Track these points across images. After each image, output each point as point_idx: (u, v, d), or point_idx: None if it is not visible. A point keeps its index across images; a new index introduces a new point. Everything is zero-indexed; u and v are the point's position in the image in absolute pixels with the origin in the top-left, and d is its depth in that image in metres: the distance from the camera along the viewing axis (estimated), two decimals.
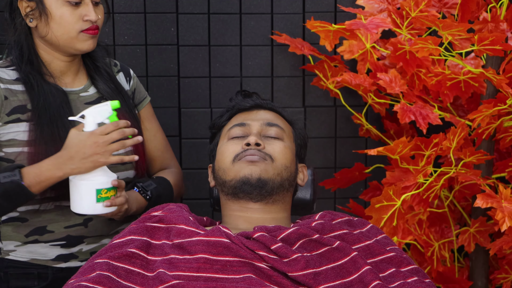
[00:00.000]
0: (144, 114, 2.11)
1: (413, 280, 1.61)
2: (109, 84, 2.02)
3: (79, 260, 1.99)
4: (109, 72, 2.04)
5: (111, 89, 2.01)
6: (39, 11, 1.88)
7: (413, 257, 2.50)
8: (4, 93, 1.89)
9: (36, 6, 1.88)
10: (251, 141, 1.78)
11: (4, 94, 1.89)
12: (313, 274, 1.58)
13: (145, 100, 2.12)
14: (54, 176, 1.79)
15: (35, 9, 1.88)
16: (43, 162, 1.81)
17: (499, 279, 2.46)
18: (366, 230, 1.76)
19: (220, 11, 2.57)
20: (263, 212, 1.78)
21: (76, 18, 1.88)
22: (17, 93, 1.91)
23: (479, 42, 2.13)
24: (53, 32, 1.89)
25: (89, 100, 1.99)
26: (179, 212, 1.74)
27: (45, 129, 1.88)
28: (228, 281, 1.57)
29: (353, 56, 2.41)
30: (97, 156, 1.76)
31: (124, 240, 1.69)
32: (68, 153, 1.78)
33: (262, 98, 1.96)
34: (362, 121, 2.54)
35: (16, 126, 1.90)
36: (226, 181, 1.78)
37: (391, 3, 2.42)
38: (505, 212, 2.05)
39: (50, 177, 1.79)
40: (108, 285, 1.57)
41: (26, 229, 1.96)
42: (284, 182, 1.79)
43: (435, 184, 2.23)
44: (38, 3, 1.87)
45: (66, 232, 1.96)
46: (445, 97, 2.32)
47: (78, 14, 1.88)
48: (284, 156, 1.80)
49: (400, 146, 2.23)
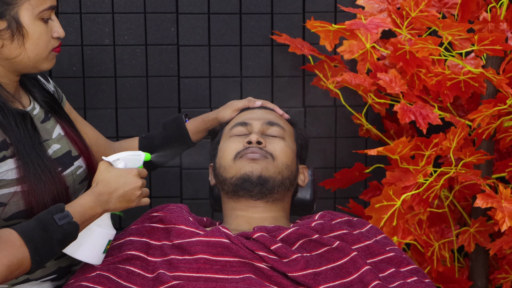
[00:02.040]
0: (69, 109, 1.96)
1: (412, 280, 1.61)
2: (44, 94, 1.85)
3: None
4: (37, 79, 1.85)
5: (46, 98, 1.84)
6: (12, 31, 1.65)
7: (413, 257, 2.50)
8: None
9: (8, 26, 1.65)
10: (253, 139, 1.78)
11: None
12: (313, 274, 1.59)
13: (63, 96, 1.96)
14: (96, 214, 1.64)
15: (6, 29, 1.65)
16: (81, 199, 1.63)
17: (499, 279, 2.46)
18: (365, 230, 1.76)
19: (220, 11, 2.57)
20: (264, 211, 1.78)
21: (49, 36, 1.70)
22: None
23: (479, 42, 2.13)
24: (26, 53, 1.68)
25: (42, 117, 1.79)
26: (179, 213, 1.74)
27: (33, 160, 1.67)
28: (228, 282, 1.57)
29: (353, 56, 2.41)
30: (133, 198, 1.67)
31: (123, 242, 1.69)
32: (108, 189, 1.65)
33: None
34: (362, 121, 2.54)
35: (3, 165, 1.65)
36: (227, 179, 1.79)
37: (391, 3, 2.42)
38: (505, 212, 2.05)
39: (92, 216, 1.63)
40: (108, 285, 1.57)
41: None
42: (285, 181, 1.79)
43: (435, 184, 2.23)
44: (12, 22, 1.64)
45: (57, 264, 1.80)
46: (445, 97, 2.32)
47: (49, 31, 1.70)
48: (285, 155, 1.81)
49: (400, 146, 2.23)
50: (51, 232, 1.53)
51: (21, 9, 1.65)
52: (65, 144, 1.80)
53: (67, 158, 1.79)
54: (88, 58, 2.54)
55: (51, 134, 1.79)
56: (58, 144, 1.77)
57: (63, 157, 1.78)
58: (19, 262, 1.49)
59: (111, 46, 2.55)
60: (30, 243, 1.50)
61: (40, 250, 1.52)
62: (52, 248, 1.54)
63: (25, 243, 1.49)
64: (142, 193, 1.68)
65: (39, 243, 1.51)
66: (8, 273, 1.48)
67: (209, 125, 2.00)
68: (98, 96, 2.57)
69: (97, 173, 1.67)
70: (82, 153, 1.83)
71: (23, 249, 1.49)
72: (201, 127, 1.99)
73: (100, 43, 2.53)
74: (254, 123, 1.85)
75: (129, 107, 2.58)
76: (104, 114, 2.57)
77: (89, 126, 2.00)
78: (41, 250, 1.52)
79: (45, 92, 1.84)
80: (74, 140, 1.83)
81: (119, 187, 1.65)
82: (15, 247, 1.49)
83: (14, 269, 1.48)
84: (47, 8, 1.67)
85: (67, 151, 1.79)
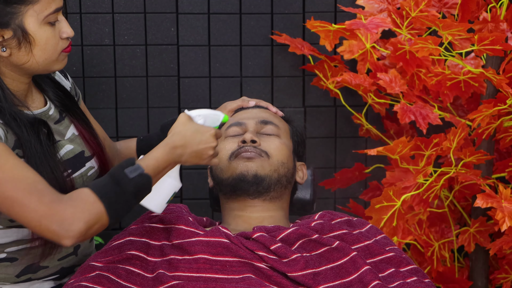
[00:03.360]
0: (83, 108, 1.96)
1: (412, 280, 1.61)
2: (57, 92, 1.84)
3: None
4: (51, 78, 1.85)
5: (60, 97, 1.83)
6: (18, 39, 1.63)
7: (413, 257, 2.50)
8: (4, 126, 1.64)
9: (14, 35, 1.63)
10: (247, 138, 1.79)
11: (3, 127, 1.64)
12: (313, 274, 1.59)
13: (80, 94, 1.97)
14: (169, 166, 1.63)
15: (12, 38, 1.63)
16: (155, 152, 1.62)
17: (499, 279, 2.46)
18: (365, 230, 1.76)
19: (220, 11, 2.57)
20: (262, 210, 1.78)
21: (57, 38, 1.68)
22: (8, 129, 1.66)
23: (479, 42, 2.13)
24: (35, 59, 1.67)
25: (57, 118, 1.80)
26: (179, 213, 1.74)
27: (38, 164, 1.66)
28: (227, 281, 1.57)
29: (353, 56, 2.41)
30: (207, 155, 1.66)
31: (123, 242, 1.69)
32: (184, 143, 1.64)
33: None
34: (362, 121, 2.54)
35: None
36: (224, 179, 1.79)
37: (391, 3, 2.42)
38: (505, 212, 2.05)
39: (165, 168, 1.63)
40: (108, 285, 1.57)
41: (16, 268, 1.76)
42: (281, 179, 1.79)
43: (435, 184, 2.23)
44: (17, 30, 1.62)
45: (60, 264, 1.81)
46: (445, 97, 2.32)
47: (57, 33, 1.68)
48: (280, 153, 1.81)
49: (400, 146, 2.23)
50: (123, 185, 1.55)
51: (25, 17, 1.63)
52: (78, 144, 1.81)
53: (79, 159, 1.79)
54: (88, 58, 2.54)
55: (64, 135, 1.79)
56: (71, 145, 1.77)
57: (75, 158, 1.78)
58: (96, 218, 1.52)
59: (111, 46, 2.55)
60: (104, 198, 1.53)
61: (114, 204, 1.55)
62: (127, 201, 1.56)
63: (99, 198, 1.53)
64: (214, 154, 1.68)
65: (113, 197, 1.54)
66: (87, 228, 1.51)
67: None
68: (98, 96, 2.57)
69: (175, 124, 1.67)
70: (95, 153, 1.83)
71: (97, 205, 1.52)
72: None
73: (100, 43, 2.53)
74: (249, 123, 1.85)
75: (129, 107, 2.58)
76: (104, 114, 2.57)
77: (98, 126, 2.00)
78: (115, 204, 1.55)
79: (58, 90, 1.83)
80: (87, 140, 1.83)
81: (195, 143, 1.64)
82: (89, 203, 1.53)
83: (92, 224, 1.52)
84: (52, 12, 1.65)
85: (80, 151, 1.80)
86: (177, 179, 1.70)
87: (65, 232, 1.50)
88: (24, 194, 1.52)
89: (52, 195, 1.54)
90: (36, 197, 1.52)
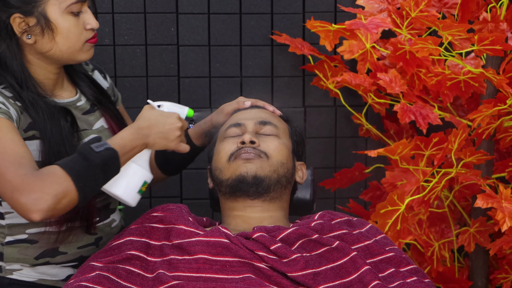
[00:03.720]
0: (121, 109, 2.05)
1: (412, 280, 1.61)
2: (92, 87, 1.93)
3: None
4: (86, 75, 1.94)
5: (95, 92, 1.92)
6: (41, 27, 1.72)
7: (413, 257, 2.50)
8: (18, 109, 1.73)
9: (37, 22, 1.72)
10: (246, 139, 1.78)
11: (19, 109, 1.74)
12: (313, 274, 1.59)
13: (119, 96, 2.06)
14: (136, 147, 1.69)
15: (36, 25, 1.72)
16: (121, 132, 1.70)
17: (499, 279, 2.46)
18: (365, 230, 1.76)
19: (220, 11, 2.57)
20: (262, 210, 1.78)
21: (80, 28, 1.76)
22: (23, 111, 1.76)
23: (479, 42, 2.13)
24: (58, 46, 1.75)
25: (86, 109, 1.89)
26: (179, 213, 1.74)
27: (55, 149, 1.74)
28: (227, 281, 1.57)
29: (353, 56, 2.41)
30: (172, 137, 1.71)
31: (123, 242, 1.69)
32: (149, 124, 1.70)
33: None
34: (362, 121, 2.54)
35: (31, 144, 1.74)
36: (223, 181, 1.79)
37: (391, 3, 2.42)
38: (505, 212, 2.05)
39: (133, 148, 1.68)
40: (108, 285, 1.57)
41: (35, 251, 1.82)
42: (281, 179, 1.79)
43: (436, 185, 2.23)
44: (40, 18, 1.71)
45: (79, 253, 1.86)
46: (445, 97, 2.32)
47: (80, 24, 1.76)
48: (279, 153, 1.80)
49: (400, 147, 2.23)
50: (90, 159, 1.60)
51: (48, 5, 1.72)
52: (105, 136, 1.88)
53: None
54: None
55: (93, 125, 1.88)
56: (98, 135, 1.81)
57: None
58: (64, 192, 1.56)
59: (111, 46, 2.55)
60: (71, 172, 1.58)
61: (83, 179, 1.59)
62: (95, 175, 1.61)
63: (67, 172, 1.57)
64: (180, 136, 1.72)
65: (81, 171, 1.59)
66: (55, 203, 1.55)
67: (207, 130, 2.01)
68: None
69: (140, 113, 1.74)
70: None
71: (65, 178, 1.57)
72: (200, 132, 2.00)
73: (100, 43, 2.53)
74: (247, 123, 1.85)
75: (129, 107, 2.57)
76: None
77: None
78: (83, 179, 1.59)
79: (93, 86, 1.92)
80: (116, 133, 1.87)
81: (160, 124, 1.71)
82: (57, 177, 1.57)
83: (60, 198, 1.56)
84: (74, 2, 1.74)
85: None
86: (147, 169, 1.74)
87: (33, 206, 1.55)
88: (5, 165, 1.60)
89: (29, 169, 1.60)
90: (14, 168, 1.59)
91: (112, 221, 1.93)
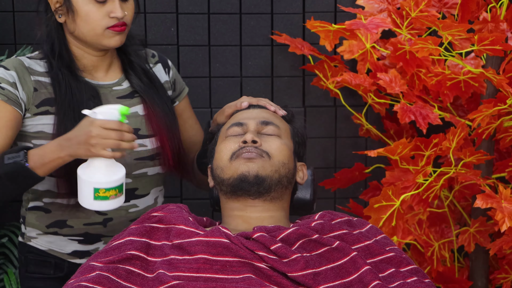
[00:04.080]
0: (184, 105, 2.16)
1: (412, 280, 1.61)
2: (142, 78, 2.03)
3: None
4: (142, 66, 2.05)
5: (144, 83, 2.03)
6: (66, 7, 1.90)
7: (413, 257, 2.50)
8: (34, 85, 1.92)
9: (64, 3, 1.90)
10: (248, 138, 1.78)
11: (34, 86, 1.92)
12: (313, 274, 1.59)
13: (184, 91, 2.17)
14: (57, 157, 1.78)
15: (63, 5, 1.90)
16: (47, 144, 1.81)
17: (499, 279, 2.46)
18: (365, 230, 1.76)
19: (220, 11, 2.57)
20: (262, 210, 1.78)
21: (102, 15, 1.89)
22: (47, 86, 1.94)
23: (479, 42, 2.13)
24: (79, 28, 1.91)
25: (122, 94, 2.01)
26: (179, 213, 1.74)
27: (69, 123, 1.88)
28: (227, 281, 1.57)
29: (353, 56, 2.41)
30: (89, 146, 1.75)
31: (123, 242, 1.69)
32: (69, 135, 1.78)
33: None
34: (362, 121, 2.54)
35: (45, 118, 1.92)
36: (224, 180, 1.79)
37: (391, 3, 2.42)
38: (505, 212, 2.05)
39: (53, 159, 1.78)
40: (108, 285, 1.57)
41: (48, 220, 2.00)
42: (282, 179, 1.79)
43: (435, 184, 2.23)
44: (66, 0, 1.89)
45: (85, 229, 2.00)
46: (445, 97, 2.32)
47: (104, 11, 1.88)
48: (281, 153, 1.80)
49: (400, 147, 2.23)
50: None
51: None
52: (136, 122, 2.00)
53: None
54: None
55: None
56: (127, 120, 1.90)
57: None
58: None
59: None
60: None
61: None
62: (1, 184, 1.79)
63: None
64: (99, 143, 1.74)
65: None
66: None
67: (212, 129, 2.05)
68: None
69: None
70: (156, 135, 2.01)
71: None
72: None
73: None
74: (249, 123, 1.85)
75: None
76: None
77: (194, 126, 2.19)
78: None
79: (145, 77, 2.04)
80: (151, 122, 2.01)
81: (76, 134, 1.77)
82: None
83: None
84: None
85: (134, 128, 1.94)
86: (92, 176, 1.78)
87: None
88: None
89: None
90: None
91: (132, 206, 2.01)
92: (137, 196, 2.03)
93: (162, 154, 2.02)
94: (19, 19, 2.52)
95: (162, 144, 2.02)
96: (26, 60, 1.95)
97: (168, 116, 2.04)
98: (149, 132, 2.02)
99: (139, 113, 2.02)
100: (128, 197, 1.99)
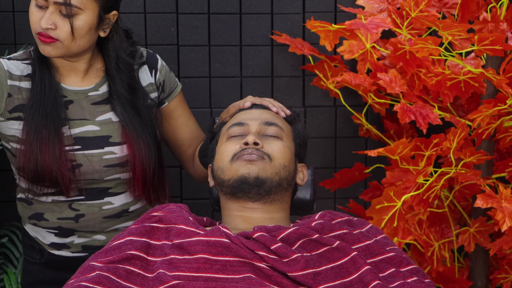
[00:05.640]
0: (175, 104, 2.13)
1: (412, 280, 1.61)
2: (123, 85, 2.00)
3: (70, 251, 2.06)
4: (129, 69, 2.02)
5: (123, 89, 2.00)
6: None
7: (413, 257, 2.50)
8: (9, 90, 1.92)
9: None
10: (249, 140, 1.78)
11: (9, 91, 1.92)
12: (313, 274, 1.59)
13: (176, 90, 2.13)
14: None
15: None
16: None
17: (499, 279, 2.46)
18: (365, 230, 1.76)
19: (220, 11, 2.57)
20: (262, 212, 1.78)
21: (37, 19, 1.86)
22: (22, 91, 1.93)
23: (479, 42, 2.13)
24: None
25: (98, 99, 1.99)
26: (179, 212, 1.74)
27: (37, 128, 1.91)
28: (228, 281, 1.57)
29: (353, 56, 2.41)
30: None
31: (123, 241, 1.69)
32: None
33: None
34: (362, 121, 2.54)
35: (17, 124, 1.94)
36: (225, 181, 1.78)
37: (391, 3, 2.42)
38: (505, 212, 2.05)
39: None
40: (108, 285, 1.57)
41: (29, 211, 2.06)
42: (282, 181, 1.79)
43: (435, 184, 2.23)
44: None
45: (58, 223, 2.03)
46: (445, 97, 2.32)
47: (40, 16, 1.86)
48: (282, 155, 1.80)
49: (400, 147, 2.23)
50: None
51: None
52: (108, 129, 1.98)
53: (98, 140, 1.96)
54: None
55: (95, 116, 1.98)
56: (98, 127, 1.94)
57: (94, 138, 1.96)
58: None
59: None
60: None
61: None
62: None
63: None
64: None
65: None
66: None
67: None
68: None
69: None
70: (126, 142, 1.98)
71: None
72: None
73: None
74: (251, 124, 1.84)
75: None
76: None
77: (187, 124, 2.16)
78: None
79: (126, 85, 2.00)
80: (125, 129, 1.96)
81: None
82: None
83: None
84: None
85: (106, 135, 1.97)
86: None
87: None
88: None
89: None
90: None
91: (106, 203, 2.02)
92: (111, 194, 2.03)
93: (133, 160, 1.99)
94: (19, 19, 2.52)
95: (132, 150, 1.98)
96: (6, 62, 1.93)
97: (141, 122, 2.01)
98: (121, 139, 1.99)
99: (112, 119, 2.00)
100: (101, 195, 2.01)
